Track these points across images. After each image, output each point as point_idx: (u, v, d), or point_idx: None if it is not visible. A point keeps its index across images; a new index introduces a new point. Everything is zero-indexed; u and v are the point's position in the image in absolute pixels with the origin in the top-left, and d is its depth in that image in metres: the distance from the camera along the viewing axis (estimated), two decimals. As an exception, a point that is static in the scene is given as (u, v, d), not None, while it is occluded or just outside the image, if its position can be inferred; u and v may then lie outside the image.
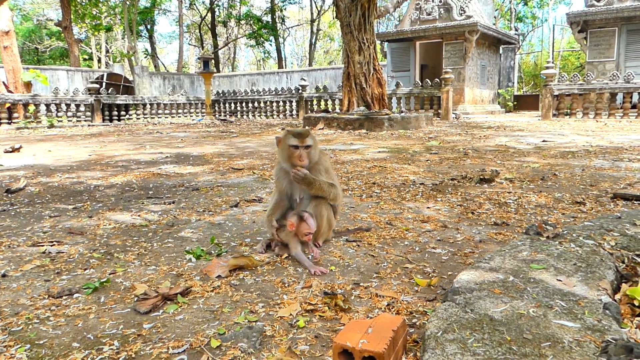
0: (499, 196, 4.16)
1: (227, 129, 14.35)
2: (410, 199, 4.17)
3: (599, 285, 1.65)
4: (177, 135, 12.39)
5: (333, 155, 7.17)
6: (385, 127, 11.82)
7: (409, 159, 6.75)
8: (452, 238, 2.98)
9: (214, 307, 2.07)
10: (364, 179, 5.16)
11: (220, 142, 10.23)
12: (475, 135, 10.32)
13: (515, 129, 12.00)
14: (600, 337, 1.43)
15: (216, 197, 4.37)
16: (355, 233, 3.09)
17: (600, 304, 1.58)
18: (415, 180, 5.01)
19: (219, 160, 7.04)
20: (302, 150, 2.67)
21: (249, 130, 13.90)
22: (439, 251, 2.73)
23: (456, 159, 6.70)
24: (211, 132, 13.21)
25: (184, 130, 14.20)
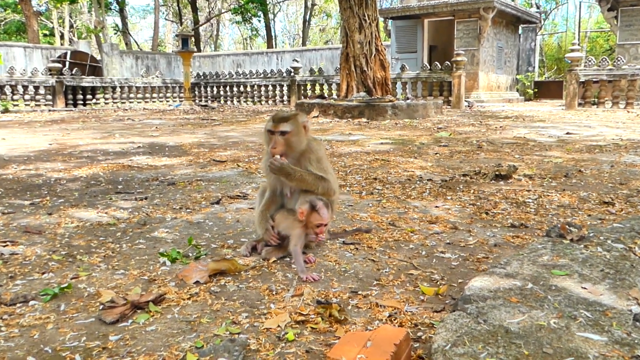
0: (516, 195, 4.18)
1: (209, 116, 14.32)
2: (417, 197, 4.17)
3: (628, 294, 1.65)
4: (151, 122, 12.35)
5: (329, 147, 7.18)
6: (389, 115, 11.82)
7: (415, 152, 6.76)
8: (464, 241, 2.98)
9: (191, 317, 2.06)
10: (364, 174, 5.16)
11: (200, 130, 10.21)
12: (490, 126, 10.36)
13: (536, 120, 12.06)
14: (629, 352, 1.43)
15: (195, 193, 4.36)
16: (353, 235, 3.09)
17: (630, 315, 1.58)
18: (422, 176, 5.02)
19: (199, 152, 7.02)
20: (277, 137, 2.69)
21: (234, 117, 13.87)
22: (448, 256, 2.73)
23: (469, 152, 6.72)
24: (190, 120, 13.17)
25: (159, 117, 14.14)
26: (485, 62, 20.35)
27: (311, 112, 12.63)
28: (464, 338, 1.51)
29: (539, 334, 1.52)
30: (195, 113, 16.08)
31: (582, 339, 1.51)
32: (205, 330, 1.94)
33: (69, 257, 2.76)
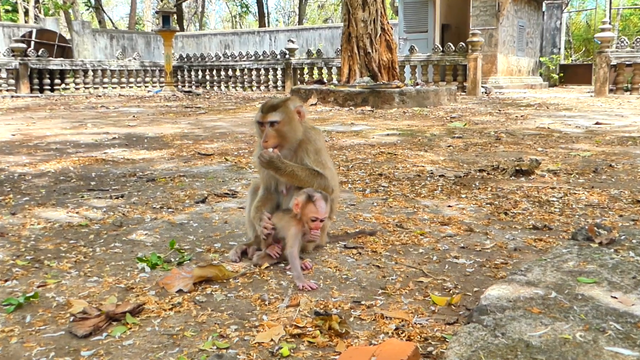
0: (539, 192, 4.19)
1: (193, 104, 14.32)
2: (427, 195, 4.18)
3: (664, 304, 1.65)
4: (128, 110, 12.36)
5: (329, 139, 7.19)
6: (396, 103, 11.84)
7: (426, 145, 6.77)
8: (480, 245, 3.00)
9: (174, 329, 2.07)
10: (368, 169, 5.18)
11: (183, 120, 10.22)
12: (510, 115, 10.38)
13: (561, 108, 12.08)
14: (665, 370, 1.44)
15: (177, 191, 4.36)
16: (355, 238, 3.10)
17: (666, 328, 1.58)
18: (433, 172, 5.03)
19: (182, 144, 7.04)
20: (267, 128, 2.70)
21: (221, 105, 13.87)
22: (462, 261, 2.74)
23: (486, 144, 6.73)
24: (172, 108, 13.18)
25: (137, 105, 14.14)
26: (504, 43, 20.35)
27: (309, 99, 12.64)
28: (480, 353, 1.52)
29: (563, 348, 1.53)
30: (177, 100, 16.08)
31: (612, 354, 1.52)
32: (190, 345, 1.95)
33: (35, 262, 2.76)
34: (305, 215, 2.63)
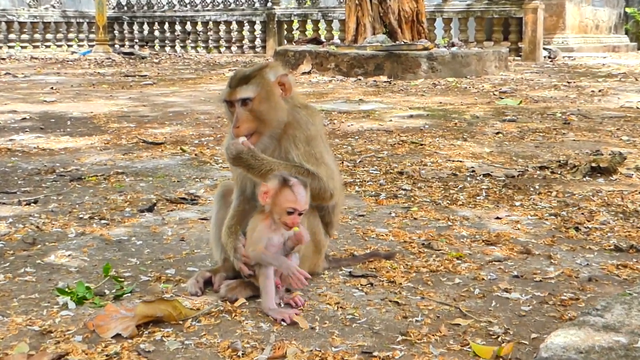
0: (624, 199, 4.22)
1: (136, 71, 14.29)
2: (466, 203, 4.20)
3: None
4: (44, 80, 12.34)
5: (328, 122, 7.21)
6: (423, 71, 11.86)
7: (465, 131, 6.80)
8: (540, 273, 3.01)
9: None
10: (383, 166, 5.20)
11: (122, 94, 10.21)
12: (583, 90, 10.42)
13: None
14: None
15: (114, 194, 4.37)
16: (366, 262, 3.12)
17: None
18: (475, 169, 5.06)
19: (121, 128, 7.04)
20: (237, 109, 2.72)
21: (176, 73, 13.85)
22: (515, 296, 2.76)
23: (549, 131, 6.76)
24: (107, 76, 13.18)
25: (58, 72, 14.12)
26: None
27: (299, 65, 12.64)
28: None
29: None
30: (114, 65, 16.05)
31: None
32: (131, 413, 1.95)
33: None
34: (279, 206, 2.61)
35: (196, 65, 16.16)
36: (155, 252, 3.30)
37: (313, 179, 2.74)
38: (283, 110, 2.76)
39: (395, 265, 3.10)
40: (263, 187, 2.63)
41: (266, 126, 2.74)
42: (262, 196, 2.63)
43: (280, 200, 2.60)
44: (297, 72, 12.39)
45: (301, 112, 2.82)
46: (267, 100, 2.73)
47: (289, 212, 2.60)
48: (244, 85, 2.72)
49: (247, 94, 2.70)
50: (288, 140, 2.77)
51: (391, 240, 3.47)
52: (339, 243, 3.42)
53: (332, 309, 2.63)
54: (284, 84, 2.78)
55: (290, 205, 2.59)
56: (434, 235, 3.54)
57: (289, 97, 2.80)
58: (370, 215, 3.93)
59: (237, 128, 2.72)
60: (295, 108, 2.82)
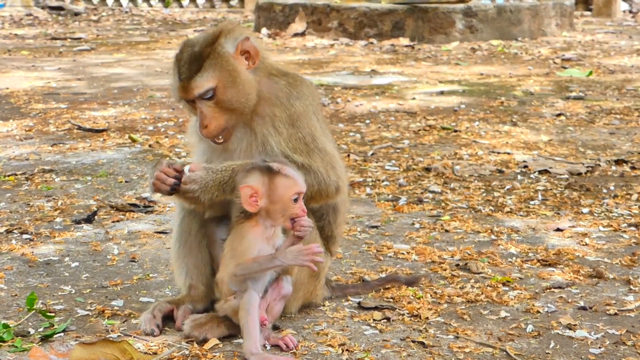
0: None
1: (68, 32, 14.19)
2: (516, 210, 4.21)
3: None
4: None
5: (328, 101, 7.22)
6: (458, 31, 11.80)
7: (515, 112, 6.81)
8: (616, 304, 3.03)
9: None
10: (403, 160, 5.22)
11: (50, 63, 10.17)
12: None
13: None
14: None
15: (39, 199, 4.39)
16: (380, 290, 3.14)
17: None
18: (528, 164, 5.07)
19: (48, 109, 7.04)
20: (199, 107, 2.76)
21: (122, 35, 13.77)
22: (581, 335, 2.78)
23: (629, 112, 6.78)
24: (27, 39, 13.12)
25: (-41, 34, 14.05)
26: None
27: (290, 24, 12.57)
28: None
29: None
30: (37, 24, 15.95)
31: None
32: None
33: None
34: (280, 201, 2.64)
35: (149, 24, 16.06)
36: (97, 277, 3.30)
37: (306, 174, 2.76)
38: (252, 88, 2.79)
39: (420, 293, 3.11)
40: (246, 190, 2.64)
41: (239, 114, 2.79)
42: (251, 200, 2.64)
43: (279, 192, 2.65)
44: (286, 33, 12.32)
45: (279, 82, 2.85)
46: (233, 83, 2.76)
47: (295, 199, 2.65)
48: (197, 73, 2.74)
49: (205, 85, 2.74)
50: (264, 123, 2.80)
51: (414, 260, 3.49)
52: (345, 264, 3.45)
53: (335, 352, 2.65)
54: (247, 51, 2.80)
55: (293, 192, 2.65)
56: (472, 254, 3.55)
57: (258, 65, 2.82)
58: (387, 226, 3.95)
59: (205, 129, 2.75)
60: (271, 78, 2.85)
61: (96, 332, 2.81)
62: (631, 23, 15.14)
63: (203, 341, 2.70)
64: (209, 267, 2.99)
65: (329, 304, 3.03)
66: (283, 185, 2.63)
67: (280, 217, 2.66)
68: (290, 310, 2.91)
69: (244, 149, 2.83)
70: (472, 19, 11.99)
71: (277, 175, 2.63)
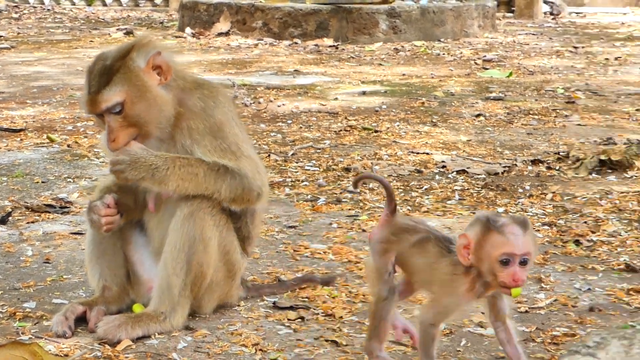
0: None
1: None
2: (433, 209, 4.27)
3: None
4: None
5: (251, 101, 7.22)
6: (382, 32, 11.82)
7: (435, 113, 6.87)
8: (526, 302, 3.08)
9: None
10: (323, 160, 5.25)
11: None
12: (594, 57, 10.56)
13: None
14: None
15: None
16: (296, 289, 3.16)
17: None
18: (446, 164, 5.12)
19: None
20: (107, 121, 2.75)
21: (44, 33, 13.58)
22: (492, 332, 2.74)
23: (547, 113, 6.87)
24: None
25: None
26: None
27: (214, 23, 12.50)
28: None
29: None
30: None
31: None
32: None
33: None
34: (486, 256, 2.41)
35: (72, 22, 15.88)
36: (9, 278, 3.28)
37: (233, 177, 2.79)
38: (167, 103, 2.80)
39: (335, 293, 3.13)
40: (461, 239, 2.46)
41: (150, 127, 2.79)
42: (463, 252, 2.45)
43: (485, 250, 2.42)
44: (211, 32, 12.26)
45: (194, 95, 2.86)
46: (141, 97, 2.76)
47: (503, 261, 2.40)
48: (106, 87, 2.73)
49: (113, 99, 2.73)
50: (184, 135, 2.81)
51: (331, 260, 3.52)
52: (261, 264, 3.46)
53: (249, 352, 2.66)
54: (159, 66, 2.81)
55: (501, 252, 2.39)
56: (389, 253, 3.60)
57: (171, 81, 2.83)
58: (305, 226, 3.97)
59: (113, 142, 2.75)
60: (186, 92, 2.86)
61: (7, 334, 2.79)
62: (552, 25, 15.31)
63: (116, 342, 2.69)
64: (123, 268, 3.00)
65: (245, 304, 3.04)
66: (492, 242, 2.41)
67: (492, 281, 2.42)
68: (205, 310, 2.93)
69: None
70: (396, 19, 12.04)
71: (492, 231, 2.42)
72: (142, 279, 3.01)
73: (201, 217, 2.80)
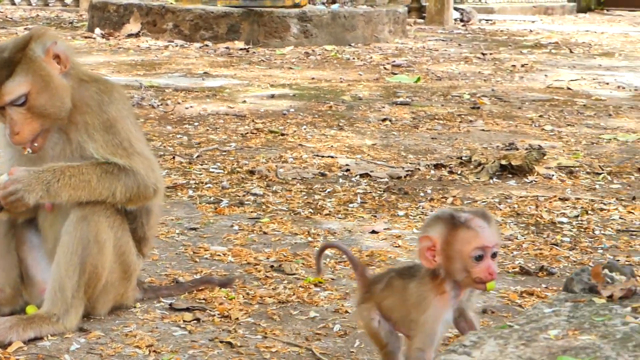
0: (539, 207, 4.42)
1: None
2: (334, 212, 4.29)
3: None
4: None
5: (159, 102, 7.20)
6: (293, 35, 11.83)
7: (343, 117, 6.91)
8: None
9: None
10: (228, 163, 5.26)
11: None
12: (502, 64, 10.74)
13: (596, 52, 12.61)
14: None
15: None
16: (193, 291, 3.16)
17: None
18: (350, 168, 5.16)
19: None
20: (8, 112, 2.71)
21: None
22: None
23: (452, 118, 6.97)
24: None
25: None
26: None
27: (124, 25, 12.40)
28: None
29: None
30: None
31: None
32: None
33: None
34: (459, 258, 2.34)
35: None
36: None
37: (127, 175, 2.78)
38: (68, 93, 2.78)
39: (232, 294, 3.14)
40: (423, 241, 2.38)
41: (53, 119, 2.77)
42: (427, 255, 2.38)
43: (456, 247, 2.35)
44: (121, 33, 12.17)
45: (90, 88, 2.84)
46: (46, 87, 2.74)
47: (477, 256, 2.34)
48: (9, 78, 2.69)
49: (18, 90, 2.70)
50: (78, 130, 2.79)
51: (230, 262, 3.53)
52: (160, 266, 3.46)
53: (143, 353, 2.66)
54: (58, 56, 2.78)
55: (473, 246, 2.33)
56: (287, 255, 3.60)
57: (69, 71, 2.81)
58: (206, 228, 3.97)
59: (17, 135, 2.71)
60: (82, 84, 2.84)
61: None
62: (462, 31, 15.52)
63: (7, 344, 2.66)
64: (17, 269, 2.96)
65: (141, 306, 3.03)
66: (462, 239, 2.35)
67: (461, 278, 2.36)
68: (100, 312, 2.92)
69: (57, 156, 2.79)
70: (307, 23, 12.08)
71: (460, 227, 2.35)
72: (35, 280, 2.97)
73: (95, 219, 2.78)
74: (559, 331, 2.02)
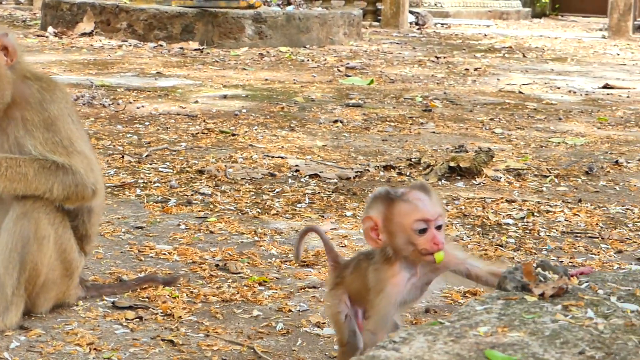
0: (485, 209, 4.47)
1: None
2: (282, 212, 4.31)
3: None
4: None
5: (110, 102, 7.16)
6: (247, 37, 11.82)
7: (294, 118, 6.93)
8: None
9: None
10: (178, 162, 5.26)
11: None
12: (455, 67, 10.83)
13: (549, 57, 12.76)
14: None
15: None
16: (137, 289, 3.16)
17: None
18: (300, 168, 5.17)
19: None
20: None
21: None
22: (328, 332, 2.88)
23: (403, 120, 7.00)
24: None
25: None
26: None
27: (77, 23, 12.32)
28: None
29: None
30: None
31: None
32: None
33: None
34: (402, 232, 2.32)
35: None
36: None
37: (65, 173, 2.76)
38: (7, 86, 2.76)
39: (176, 293, 3.14)
40: (366, 222, 2.38)
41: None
42: (372, 235, 2.37)
43: (396, 221, 2.35)
44: (74, 32, 12.07)
45: (33, 86, 2.83)
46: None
47: (420, 229, 2.32)
48: None
49: None
50: (17, 125, 2.77)
51: (175, 261, 3.53)
52: (104, 264, 3.45)
53: (83, 351, 2.65)
54: (6, 48, 2.77)
55: (412, 219, 2.31)
56: (233, 254, 3.61)
57: (14, 65, 2.79)
58: (152, 227, 3.97)
59: None
60: (25, 80, 2.82)
61: None
62: (417, 35, 15.58)
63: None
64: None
65: (83, 304, 3.02)
66: (400, 212, 2.33)
67: (409, 254, 2.34)
68: (41, 309, 2.90)
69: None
70: (262, 25, 12.08)
71: (396, 202, 2.34)
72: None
73: (35, 216, 2.76)
74: (488, 328, 2.05)
